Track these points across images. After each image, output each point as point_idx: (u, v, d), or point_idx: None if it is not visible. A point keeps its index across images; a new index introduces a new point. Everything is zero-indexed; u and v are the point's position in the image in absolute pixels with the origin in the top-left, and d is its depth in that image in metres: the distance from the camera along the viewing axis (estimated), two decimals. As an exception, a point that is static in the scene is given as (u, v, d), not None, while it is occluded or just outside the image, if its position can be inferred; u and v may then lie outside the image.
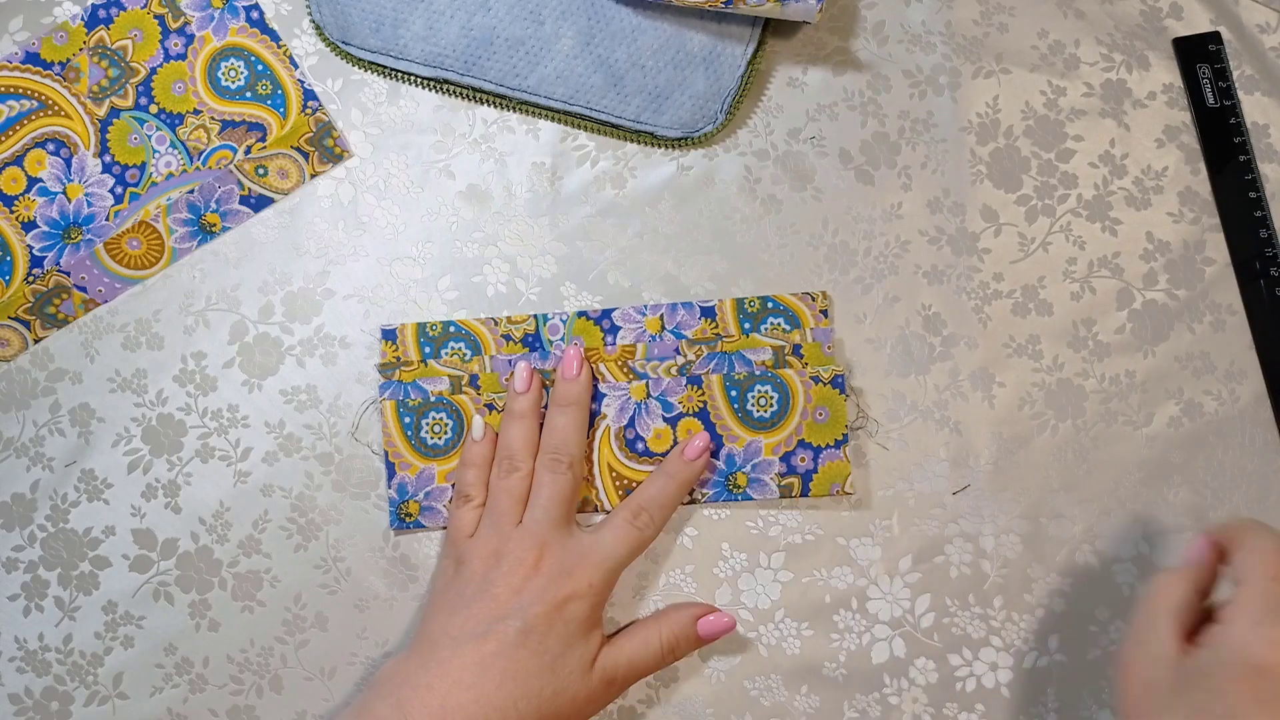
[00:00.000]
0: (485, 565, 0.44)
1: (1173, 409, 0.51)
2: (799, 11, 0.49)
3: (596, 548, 0.45)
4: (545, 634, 0.42)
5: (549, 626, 0.43)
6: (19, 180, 0.52)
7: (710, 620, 0.46)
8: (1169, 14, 0.54)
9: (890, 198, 0.52)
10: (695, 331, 0.50)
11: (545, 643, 0.42)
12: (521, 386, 0.48)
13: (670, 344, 0.50)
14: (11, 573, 0.50)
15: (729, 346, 0.49)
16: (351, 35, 0.52)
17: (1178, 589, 0.38)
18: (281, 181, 0.52)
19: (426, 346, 0.50)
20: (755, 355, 0.49)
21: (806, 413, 0.49)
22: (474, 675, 0.41)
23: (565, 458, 0.46)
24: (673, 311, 0.50)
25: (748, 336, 0.49)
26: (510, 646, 0.42)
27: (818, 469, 0.49)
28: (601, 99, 0.51)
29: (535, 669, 0.42)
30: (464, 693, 0.41)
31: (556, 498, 0.46)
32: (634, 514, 0.46)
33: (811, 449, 0.49)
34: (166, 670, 0.49)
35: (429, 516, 0.49)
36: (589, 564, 0.44)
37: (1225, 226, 0.52)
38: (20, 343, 0.51)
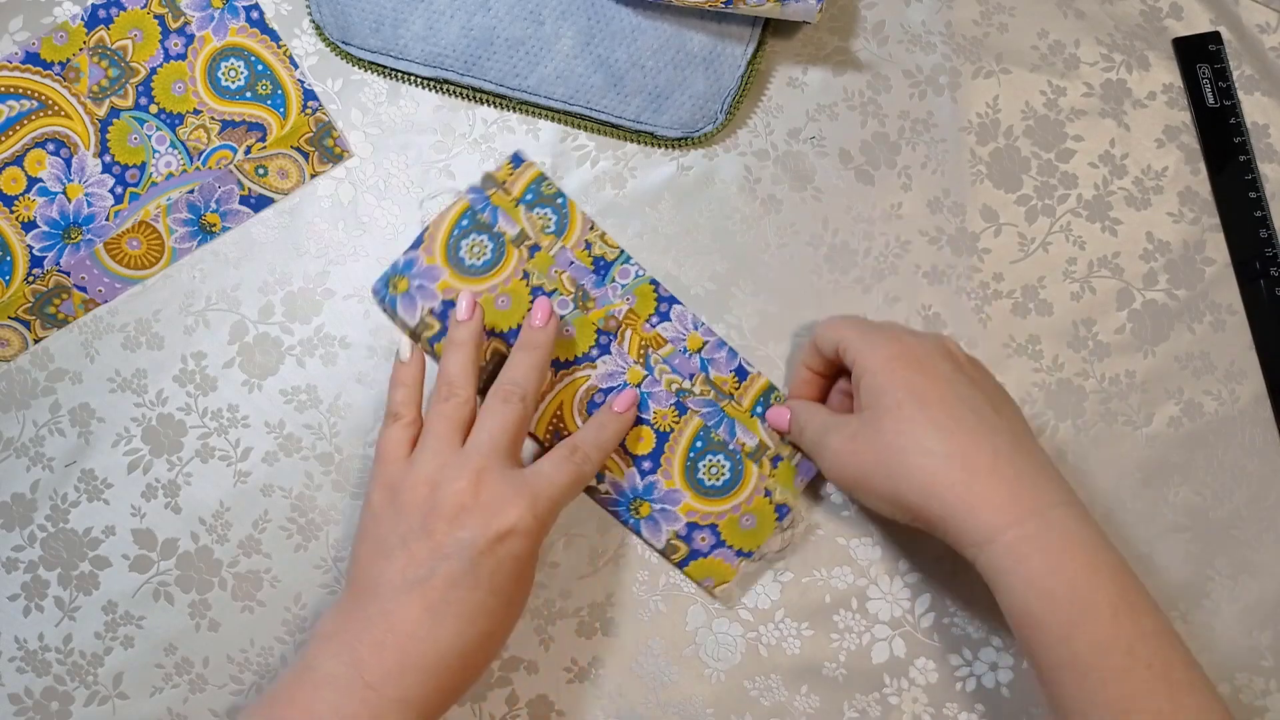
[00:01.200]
0: (421, 496, 0.41)
1: (1173, 409, 0.51)
2: (799, 11, 0.49)
3: (536, 477, 0.43)
4: (494, 571, 0.40)
5: (496, 563, 0.40)
6: (19, 180, 0.52)
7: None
8: (1169, 14, 0.54)
9: (890, 198, 0.52)
10: (717, 377, 0.50)
11: (495, 580, 0.40)
12: (464, 315, 0.46)
13: (692, 366, 0.50)
14: (11, 573, 0.50)
15: (731, 411, 0.49)
16: (351, 35, 0.52)
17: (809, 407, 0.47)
18: (281, 181, 0.52)
19: (530, 194, 0.50)
20: (744, 435, 0.49)
21: (738, 509, 0.48)
22: (426, 626, 0.39)
23: (519, 390, 0.44)
24: (717, 346, 0.50)
25: (752, 417, 0.49)
26: (459, 589, 0.39)
27: (708, 556, 0.48)
28: (601, 99, 0.51)
29: (491, 608, 0.40)
30: (420, 645, 0.39)
31: (504, 427, 0.43)
32: (571, 450, 0.45)
33: (717, 537, 0.48)
34: (166, 670, 0.49)
35: (406, 307, 0.49)
36: (529, 493, 0.42)
37: (1225, 226, 0.52)
38: (20, 343, 0.51)
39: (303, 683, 0.39)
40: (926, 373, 0.42)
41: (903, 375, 0.42)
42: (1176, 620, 0.49)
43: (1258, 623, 0.48)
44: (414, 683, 0.39)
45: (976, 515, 0.40)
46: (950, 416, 0.41)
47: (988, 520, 0.39)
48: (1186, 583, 0.49)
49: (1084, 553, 0.39)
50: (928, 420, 0.41)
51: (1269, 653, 0.48)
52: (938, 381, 0.42)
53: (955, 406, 0.42)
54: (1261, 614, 0.49)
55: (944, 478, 0.40)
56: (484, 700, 0.48)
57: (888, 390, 0.42)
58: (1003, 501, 0.40)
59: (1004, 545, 0.39)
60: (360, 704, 0.38)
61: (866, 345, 0.44)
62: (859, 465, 0.43)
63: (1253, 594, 0.49)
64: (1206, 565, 0.49)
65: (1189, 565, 0.49)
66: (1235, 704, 0.48)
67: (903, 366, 0.42)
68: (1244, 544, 0.49)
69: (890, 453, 0.41)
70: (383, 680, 0.38)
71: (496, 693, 0.48)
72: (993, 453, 0.41)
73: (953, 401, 0.42)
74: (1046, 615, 0.38)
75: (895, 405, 0.42)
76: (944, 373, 0.43)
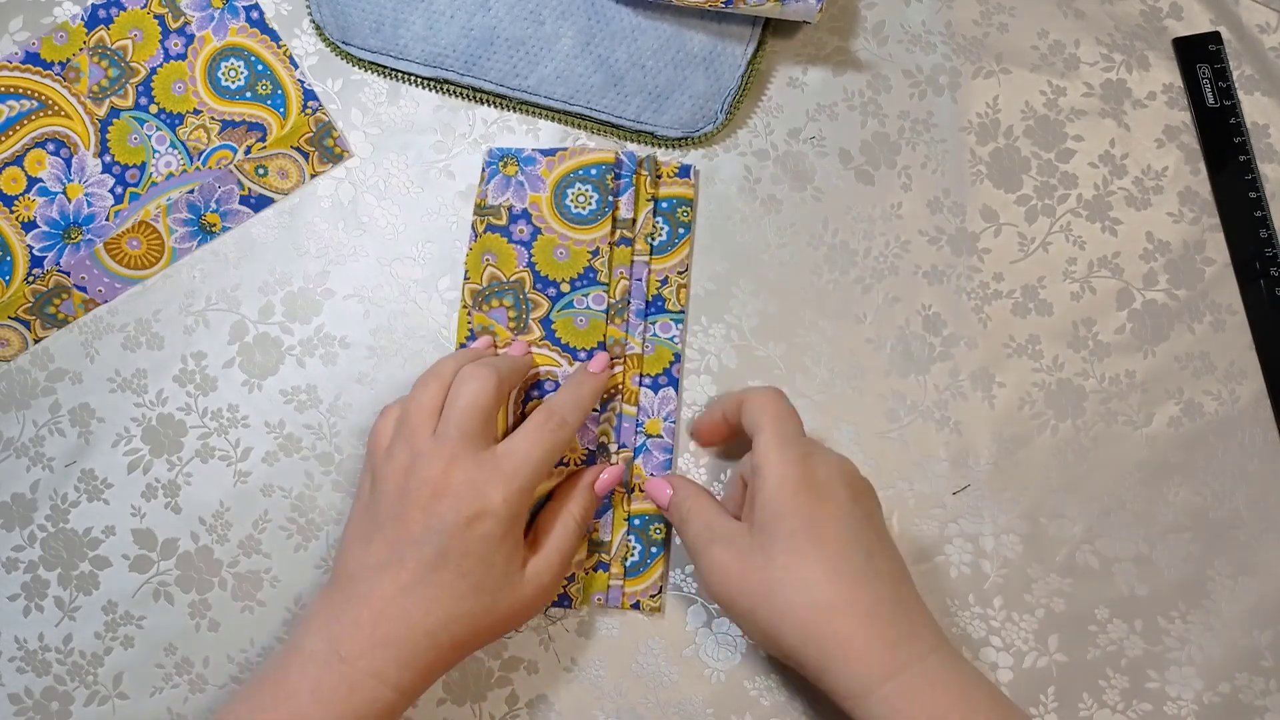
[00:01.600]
0: (395, 484, 0.42)
1: (1173, 409, 0.51)
2: (799, 11, 0.49)
3: (509, 456, 0.43)
4: (463, 556, 0.41)
5: (465, 547, 0.41)
6: (19, 180, 0.52)
7: (604, 480, 0.47)
8: (1169, 14, 0.54)
9: (890, 198, 0.52)
10: (638, 468, 0.49)
11: (464, 564, 0.41)
12: (482, 347, 0.49)
13: (631, 440, 0.49)
14: (11, 573, 0.50)
15: (616, 502, 0.49)
16: (351, 35, 0.52)
17: (696, 498, 0.45)
18: (281, 181, 0.52)
19: (667, 204, 0.51)
20: (604, 528, 0.48)
21: None
22: (398, 605, 0.40)
23: (491, 365, 0.44)
24: (664, 449, 0.49)
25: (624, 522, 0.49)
26: (429, 572, 0.41)
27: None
28: (601, 99, 0.51)
29: (461, 591, 0.41)
30: (391, 623, 0.40)
31: (473, 407, 0.43)
32: (547, 416, 0.44)
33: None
34: (166, 670, 0.49)
35: (500, 186, 0.50)
36: (501, 476, 0.42)
37: (1225, 226, 0.52)
38: (20, 343, 0.51)
39: (286, 660, 0.41)
40: (825, 504, 0.41)
41: (803, 503, 0.41)
42: (1176, 620, 0.49)
43: (1258, 623, 0.48)
44: (384, 657, 0.40)
45: (853, 667, 0.39)
46: (843, 559, 0.40)
47: (864, 673, 0.39)
48: (1186, 583, 0.49)
49: (960, 698, 0.39)
50: (820, 560, 0.40)
51: (1269, 653, 0.48)
52: (835, 517, 0.41)
53: (848, 548, 0.41)
54: (1261, 614, 0.49)
55: (826, 626, 0.39)
56: (484, 700, 0.48)
57: (785, 517, 0.41)
58: (880, 654, 0.39)
59: (880, 698, 0.39)
60: (337, 678, 0.40)
61: (774, 456, 0.42)
62: (741, 590, 0.41)
63: (1253, 594, 0.49)
64: (1206, 565, 0.49)
65: (1189, 565, 0.49)
66: (1235, 704, 0.48)
67: (804, 491, 0.41)
68: (1244, 544, 0.49)
69: (776, 587, 0.40)
70: (356, 655, 0.40)
71: (496, 692, 0.48)
72: (875, 602, 0.40)
73: (847, 541, 0.41)
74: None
75: (789, 535, 0.41)
76: (843, 506, 0.42)
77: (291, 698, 0.40)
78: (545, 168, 0.50)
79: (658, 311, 0.50)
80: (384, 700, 0.40)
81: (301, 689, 0.40)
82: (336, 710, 0.39)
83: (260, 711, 0.40)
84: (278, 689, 0.40)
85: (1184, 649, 0.48)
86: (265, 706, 0.40)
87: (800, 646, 0.40)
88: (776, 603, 0.40)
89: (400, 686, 0.40)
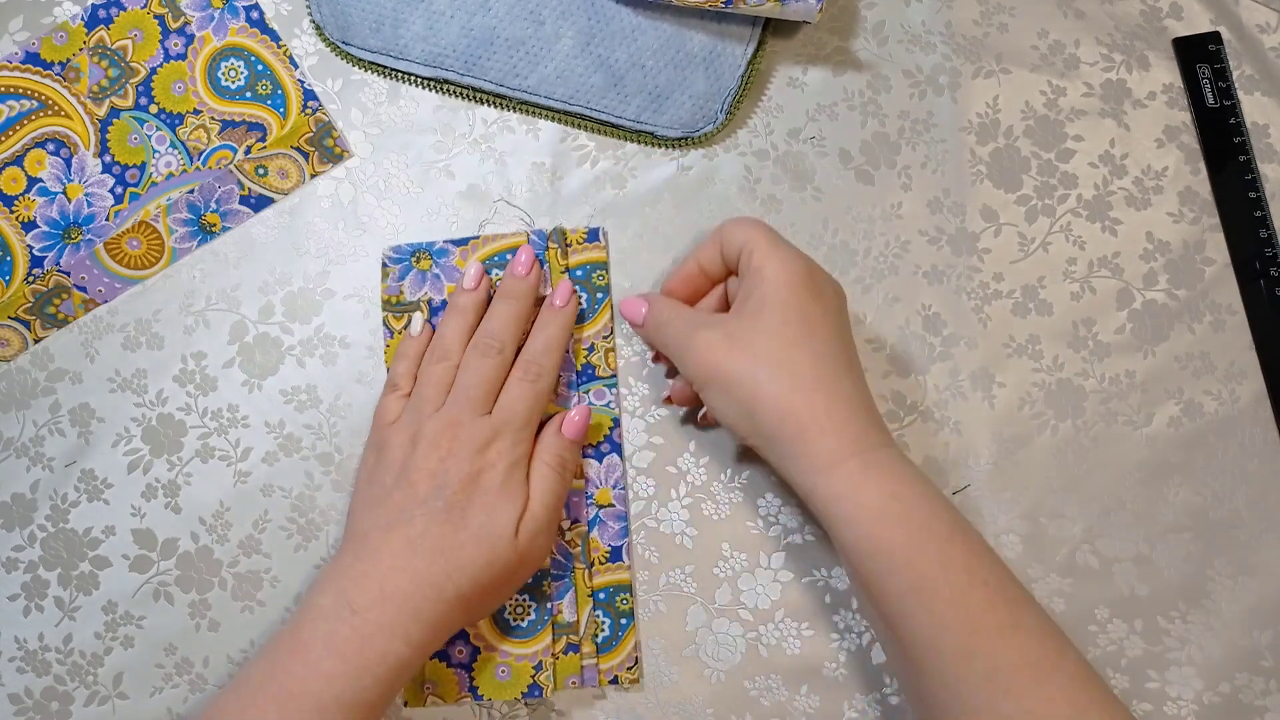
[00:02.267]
0: (403, 451, 0.45)
1: (1173, 409, 0.51)
2: (799, 11, 0.49)
3: (499, 414, 0.45)
4: (465, 507, 0.43)
5: (468, 499, 0.43)
6: (19, 180, 0.52)
7: (571, 422, 0.47)
8: (1169, 14, 0.54)
9: (890, 198, 0.52)
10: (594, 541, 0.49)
11: (467, 515, 0.43)
12: (470, 284, 0.49)
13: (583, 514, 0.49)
14: (11, 573, 0.50)
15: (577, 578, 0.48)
16: (351, 35, 0.52)
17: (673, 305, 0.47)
18: (281, 181, 0.52)
19: (581, 271, 0.51)
20: (568, 608, 0.48)
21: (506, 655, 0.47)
22: (405, 558, 0.42)
23: (496, 343, 0.47)
24: (618, 517, 0.49)
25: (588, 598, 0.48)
26: (435, 525, 0.43)
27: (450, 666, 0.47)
28: (601, 99, 0.51)
29: (462, 540, 0.43)
30: (398, 575, 0.42)
31: (478, 381, 0.46)
32: (524, 369, 0.47)
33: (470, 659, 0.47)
34: (166, 670, 0.49)
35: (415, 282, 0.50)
36: (495, 432, 0.45)
37: (1225, 226, 0.52)
38: (20, 343, 0.51)
39: (300, 618, 0.42)
40: (822, 303, 0.44)
41: (802, 297, 0.43)
42: (1176, 620, 0.49)
43: (1258, 623, 0.48)
44: (393, 609, 0.41)
45: (827, 440, 0.41)
46: (828, 346, 0.43)
47: (836, 446, 0.41)
48: (1186, 583, 0.49)
49: (918, 483, 0.42)
50: (808, 343, 0.43)
51: (1269, 653, 0.48)
52: (828, 313, 0.44)
53: (834, 339, 0.44)
54: (1261, 614, 0.49)
55: (806, 400, 0.42)
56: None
57: (779, 306, 0.43)
58: (852, 433, 0.42)
59: (846, 471, 0.41)
60: (349, 630, 0.41)
61: (775, 256, 0.44)
62: (729, 364, 0.43)
63: (1253, 594, 0.49)
64: (1206, 565, 0.49)
65: (1189, 565, 0.49)
66: (1235, 704, 0.48)
67: (804, 289, 0.44)
68: (1244, 544, 0.49)
69: (762, 362, 0.42)
70: (366, 607, 0.41)
71: (496, 693, 0.48)
72: (853, 387, 0.43)
73: (834, 333, 0.44)
74: (888, 538, 0.40)
75: (782, 322, 0.43)
76: (834, 308, 0.45)
77: (306, 650, 0.41)
78: (459, 257, 0.51)
79: (589, 380, 0.50)
80: (396, 654, 0.41)
81: (315, 642, 0.41)
82: (350, 663, 0.41)
83: (276, 665, 0.41)
84: (292, 643, 0.41)
85: (1184, 649, 0.48)
86: (280, 661, 0.41)
87: (777, 422, 0.42)
88: (761, 377, 0.42)
89: (410, 639, 0.41)
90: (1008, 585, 0.40)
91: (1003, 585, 0.40)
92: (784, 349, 0.42)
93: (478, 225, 0.52)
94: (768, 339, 0.43)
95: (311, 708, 0.40)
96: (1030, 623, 0.40)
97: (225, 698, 0.41)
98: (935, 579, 0.39)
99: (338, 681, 0.40)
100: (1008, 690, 0.38)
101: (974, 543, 0.41)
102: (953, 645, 0.39)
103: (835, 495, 0.41)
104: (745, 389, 0.43)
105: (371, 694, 0.41)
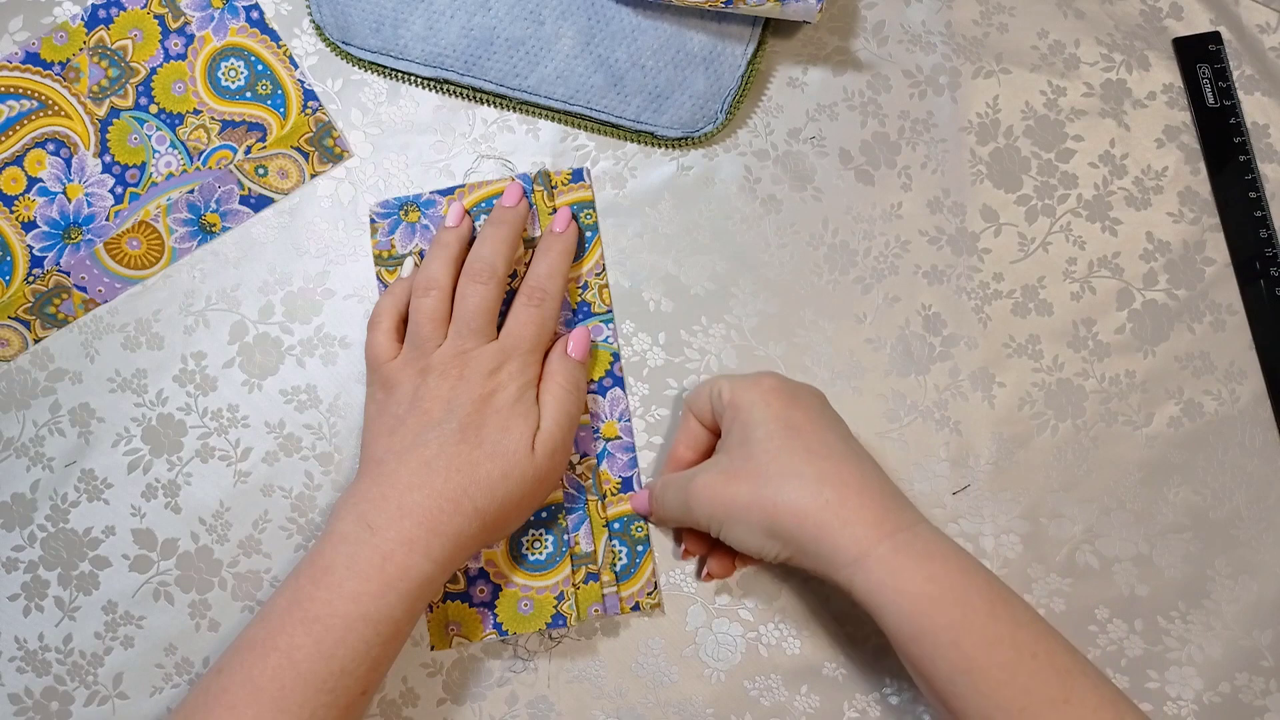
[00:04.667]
0: (413, 384, 0.45)
1: (1173, 409, 0.51)
2: (799, 11, 0.49)
3: (506, 339, 0.46)
4: (479, 426, 0.44)
5: (481, 419, 0.44)
6: (19, 180, 0.52)
7: (574, 344, 0.48)
8: (1169, 14, 0.54)
9: (890, 198, 0.52)
10: (605, 473, 0.49)
11: (481, 433, 0.44)
12: (452, 222, 0.49)
13: (591, 448, 0.50)
14: (11, 573, 0.50)
15: (591, 509, 0.49)
16: (351, 35, 0.52)
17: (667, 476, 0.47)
18: (281, 181, 0.52)
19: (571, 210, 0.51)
20: (584, 538, 0.48)
21: (528, 589, 0.48)
22: (422, 476, 0.43)
23: (488, 269, 0.47)
24: (626, 448, 0.50)
25: (604, 528, 0.49)
26: (450, 444, 0.43)
27: (472, 606, 0.48)
28: (601, 99, 0.51)
29: (478, 458, 0.43)
30: (415, 493, 0.42)
31: (478, 309, 0.46)
32: (529, 296, 0.47)
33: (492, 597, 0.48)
34: (166, 670, 0.49)
35: (405, 234, 0.51)
36: (505, 356, 0.46)
37: (1225, 226, 0.52)
38: (20, 343, 0.51)
39: (321, 545, 0.43)
40: (799, 405, 0.44)
41: (777, 408, 0.44)
42: (1176, 620, 0.49)
43: (1258, 623, 0.49)
44: (411, 525, 0.42)
45: (851, 530, 0.40)
46: (821, 442, 0.43)
47: (862, 535, 0.40)
48: (1186, 583, 0.49)
49: (954, 558, 0.41)
50: (800, 446, 0.42)
51: (1269, 653, 0.48)
52: (809, 412, 0.44)
53: (825, 433, 0.43)
54: (1261, 614, 0.49)
55: (817, 499, 0.41)
56: (484, 700, 0.48)
57: (761, 423, 0.43)
58: (874, 518, 0.41)
59: (878, 559, 0.40)
60: (370, 549, 0.41)
61: (742, 385, 0.45)
62: (732, 495, 0.43)
63: (1253, 594, 0.49)
64: (1206, 565, 0.49)
65: (1189, 565, 0.49)
66: (1235, 704, 0.48)
67: (777, 399, 0.44)
68: (1244, 544, 0.49)
69: (763, 479, 0.42)
70: (386, 525, 0.42)
71: (496, 692, 0.48)
72: (861, 474, 0.42)
73: (823, 428, 0.43)
74: (930, 621, 0.39)
75: (767, 436, 0.43)
76: (815, 406, 0.45)
77: (328, 573, 0.41)
78: (447, 207, 0.51)
79: (586, 316, 0.51)
80: (418, 569, 0.41)
81: (337, 564, 0.41)
82: (373, 582, 0.41)
83: (300, 592, 0.41)
84: (314, 569, 0.42)
85: (1184, 649, 0.48)
86: (304, 587, 0.41)
87: (796, 526, 0.41)
88: (767, 493, 0.42)
89: (431, 554, 0.42)
90: (1057, 655, 0.39)
91: (1052, 656, 0.39)
92: (779, 460, 0.42)
93: (463, 175, 0.52)
94: (761, 457, 0.42)
95: (339, 627, 0.40)
96: (1082, 694, 0.38)
97: (253, 629, 0.41)
98: (981, 659, 0.39)
99: (363, 600, 0.41)
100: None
101: (1018, 614, 0.40)
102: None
103: (873, 585, 0.40)
104: (756, 512, 0.42)
105: (397, 610, 0.41)
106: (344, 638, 0.40)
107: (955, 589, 0.40)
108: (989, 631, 0.39)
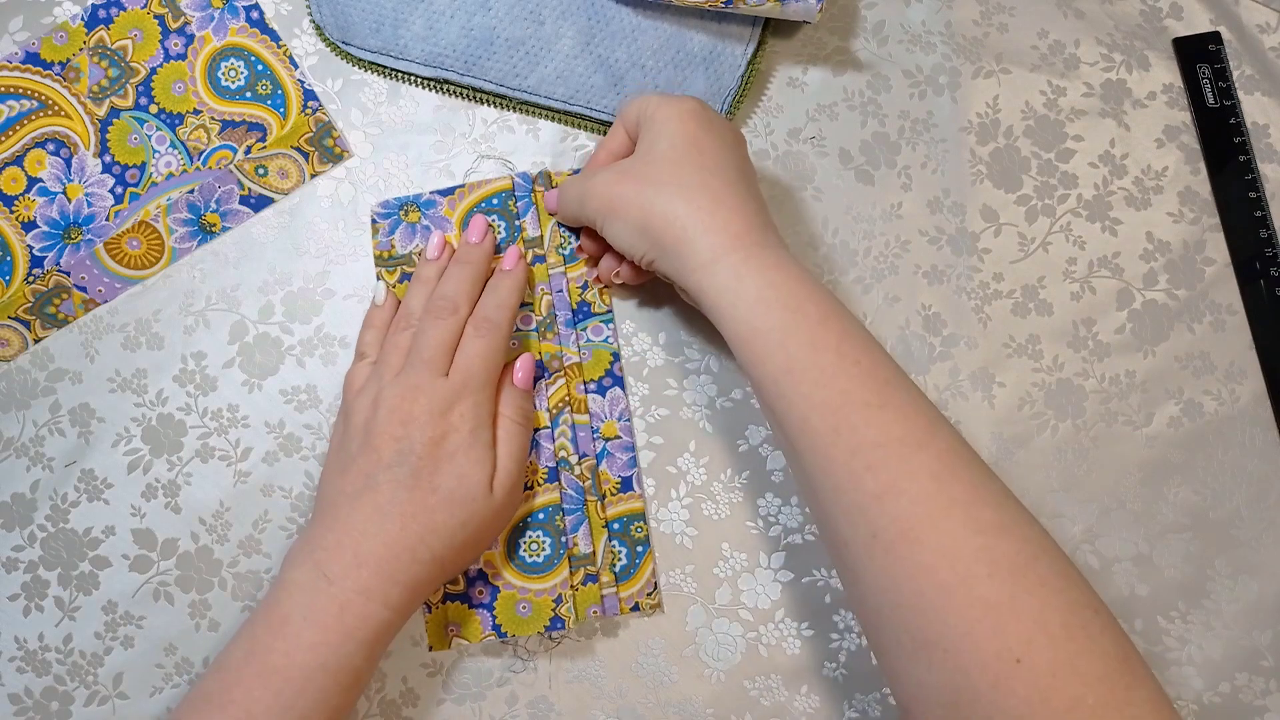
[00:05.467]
0: (365, 416, 0.45)
1: (1173, 409, 0.51)
2: (799, 11, 0.49)
3: (457, 375, 0.45)
4: (433, 472, 0.43)
5: (435, 464, 0.43)
6: (19, 180, 0.52)
7: (520, 373, 0.48)
8: (1169, 14, 0.54)
9: (890, 198, 0.52)
10: (604, 473, 0.49)
11: (435, 479, 0.43)
12: (432, 254, 0.50)
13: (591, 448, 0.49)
14: (11, 573, 0.50)
15: (590, 511, 0.48)
16: (351, 35, 0.52)
17: None
18: (281, 181, 0.52)
19: None
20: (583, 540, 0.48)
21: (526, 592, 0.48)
22: (375, 524, 0.42)
23: (449, 304, 0.47)
24: (625, 448, 0.50)
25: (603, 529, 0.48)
26: (403, 490, 0.43)
27: (472, 607, 0.48)
28: (602, 99, 0.51)
29: (433, 504, 0.43)
30: (370, 541, 0.42)
31: (433, 342, 0.46)
32: (475, 327, 0.47)
33: (491, 599, 0.48)
34: (166, 670, 0.49)
35: (406, 235, 0.51)
36: (456, 395, 0.45)
37: (1225, 226, 0.52)
38: (20, 343, 0.51)
39: (276, 594, 0.42)
40: (712, 132, 0.45)
41: (691, 127, 0.45)
42: (1176, 620, 0.49)
43: (1258, 623, 0.49)
44: (369, 574, 0.41)
45: (709, 238, 0.42)
46: (718, 163, 0.44)
47: (718, 243, 0.42)
48: (1186, 583, 0.49)
49: (795, 274, 0.42)
50: (696, 163, 0.44)
51: (1269, 653, 0.48)
52: (718, 140, 0.45)
53: (724, 158, 0.45)
54: (1261, 614, 0.49)
55: (688, 205, 0.43)
56: (484, 700, 0.48)
57: (668, 136, 0.45)
58: (735, 231, 0.43)
59: (727, 265, 0.42)
60: (326, 599, 0.41)
61: (667, 101, 0.46)
62: (619, 193, 0.45)
63: (1253, 594, 0.49)
64: (1206, 565, 0.49)
65: (1189, 565, 0.49)
66: (1235, 704, 0.48)
67: (693, 120, 0.45)
68: (1244, 544, 0.49)
69: (650, 182, 0.44)
70: (341, 575, 0.41)
71: (496, 692, 0.48)
72: (741, 198, 0.44)
73: (724, 155, 0.45)
74: (762, 321, 0.41)
75: (670, 148, 0.44)
76: (727, 138, 0.46)
77: (285, 624, 0.41)
78: (447, 207, 0.51)
79: (586, 317, 0.51)
80: (377, 617, 0.41)
81: (294, 616, 0.41)
82: (332, 632, 0.41)
83: (256, 643, 0.41)
84: (270, 619, 0.41)
85: (1184, 649, 0.48)
86: (260, 638, 0.41)
87: (663, 229, 0.43)
88: (649, 193, 0.44)
89: (389, 602, 0.42)
90: (880, 367, 0.40)
91: (875, 367, 0.40)
92: (672, 169, 0.44)
93: (463, 175, 0.52)
94: (658, 164, 0.44)
95: (298, 679, 0.40)
96: (899, 401, 0.39)
97: (208, 681, 0.41)
98: (804, 359, 0.40)
99: (321, 650, 0.40)
100: (869, 465, 0.38)
101: (848, 326, 0.41)
102: (820, 425, 0.39)
103: (717, 288, 0.42)
104: (634, 209, 0.44)
105: (356, 659, 0.41)
106: (303, 689, 0.40)
107: (791, 295, 0.41)
108: (815, 336, 0.40)
